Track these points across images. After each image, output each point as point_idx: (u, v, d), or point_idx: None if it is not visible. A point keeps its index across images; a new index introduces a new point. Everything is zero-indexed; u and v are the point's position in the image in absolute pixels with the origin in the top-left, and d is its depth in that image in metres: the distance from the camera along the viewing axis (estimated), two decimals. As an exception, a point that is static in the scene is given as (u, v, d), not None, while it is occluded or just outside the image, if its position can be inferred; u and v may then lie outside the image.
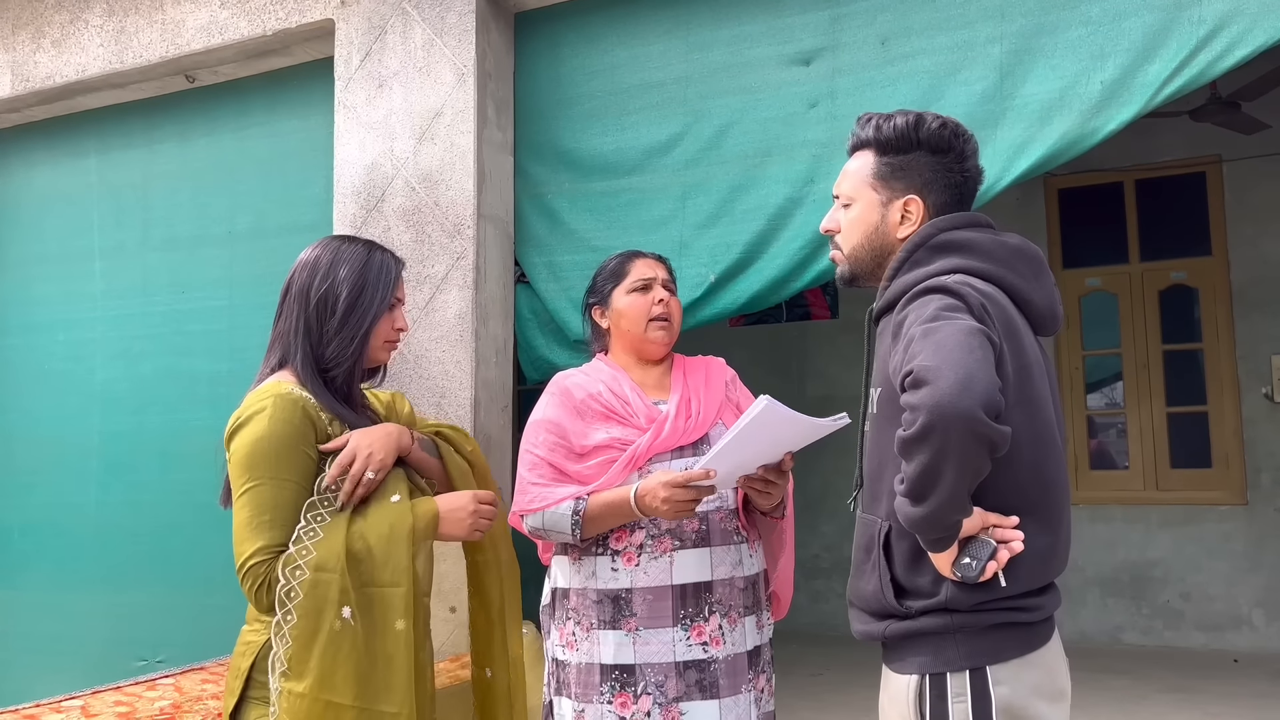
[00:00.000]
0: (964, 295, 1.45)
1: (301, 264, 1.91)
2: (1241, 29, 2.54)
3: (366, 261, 1.90)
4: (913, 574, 1.52)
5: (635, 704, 2.01)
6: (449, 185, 3.27)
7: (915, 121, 1.63)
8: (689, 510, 1.95)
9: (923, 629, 1.49)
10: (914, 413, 1.35)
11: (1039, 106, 2.75)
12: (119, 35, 3.93)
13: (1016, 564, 1.46)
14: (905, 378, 1.38)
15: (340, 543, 1.69)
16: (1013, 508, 1.48)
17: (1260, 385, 6.04)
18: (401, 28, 3.41)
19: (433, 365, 3.22)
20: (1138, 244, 6.48)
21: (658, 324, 2.21)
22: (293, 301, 1.89)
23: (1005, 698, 1.44)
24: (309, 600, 1.66)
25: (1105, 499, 6.18)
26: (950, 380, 1.32)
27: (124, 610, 3.90)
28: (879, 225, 1.65)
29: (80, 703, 2.52)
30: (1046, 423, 1.52)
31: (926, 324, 1.41)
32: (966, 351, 1.35)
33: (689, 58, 3.23)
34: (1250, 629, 5.91)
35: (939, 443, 1.34)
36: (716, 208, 3.15)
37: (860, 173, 1.68)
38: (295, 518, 1.72)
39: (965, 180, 1.66)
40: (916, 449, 1.36)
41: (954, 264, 1.54)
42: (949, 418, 1.31)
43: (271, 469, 1.73)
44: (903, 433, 1.38)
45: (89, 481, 4.06)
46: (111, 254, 4.13)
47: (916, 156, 1.63)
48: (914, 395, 1.35)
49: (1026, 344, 1.52)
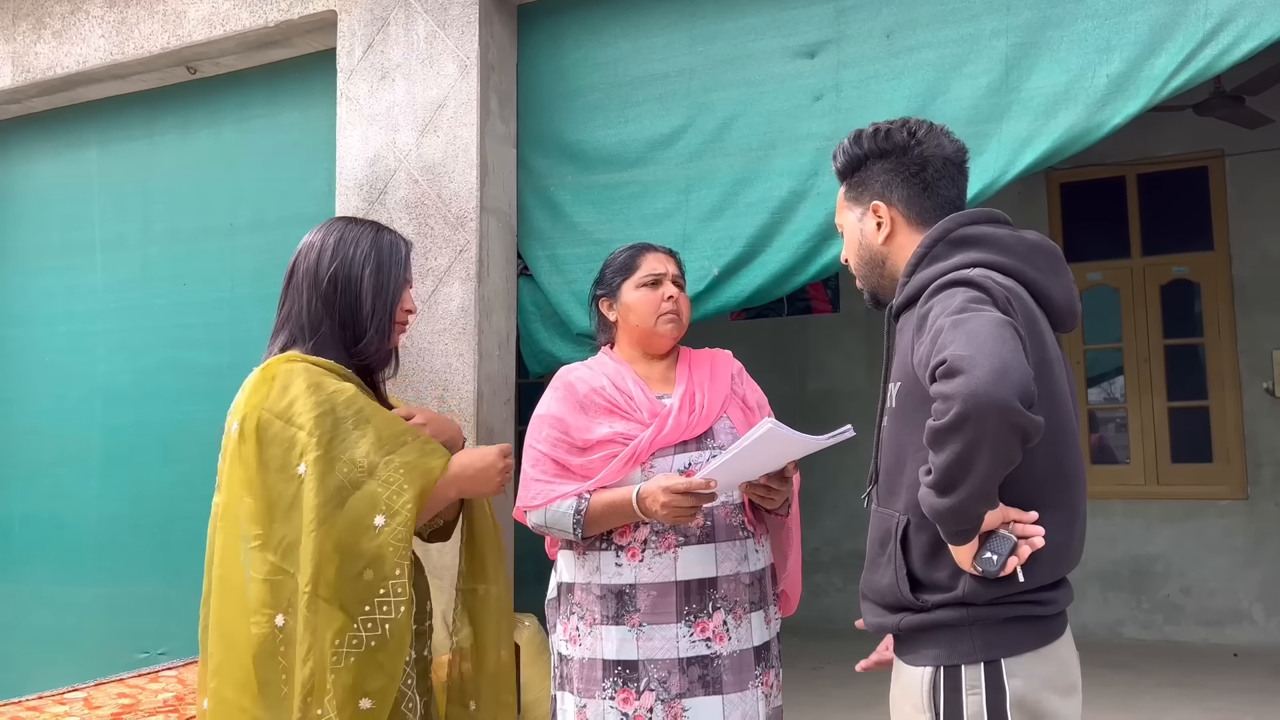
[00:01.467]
0: (989, 289, 1.46)
1: (307, 246, 1.88)
2: (1248, 23, 2.53)
3: (376, 240, 1.88)
4: (930, 568, 1.52)
5: (638, 700, 2.01)
6: (451, 178, 3.26)
7: (856, 138, 1.72)
8: (688, 517, 1.95)
9: (938, 621, 1.49)
10: (947, 402, 1.33)
11: (1044, 100, 2.74)
12: (120, 26, 3.92)
13: (1034, 558, 1.46)
14: (937, 368, 1.37)
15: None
16: (1032, 502, 1.48)
17: (1261, 380, 6.04)
18: (404, 19, 3.39)
19: (435, 358, 3.21)
20: (1139, 238, 6.47)
21: (667, 319, 2.19)
22: (300, 284, 1.85)
23: (1019, 690, 1.44)
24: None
25: (1106, 493, 6.18)
26: (986, 369, 1.31)
27: (125, 602, 3.90)
28: (861, 239, 1.72)
29: (83, 694, 2.52)
30: (1066, 417, 1.52)
31: (955, 315, 1.40)
32: (1000, 341, 1.34)
33: (693, 50, 3.22)
34: (1250, 623, 5.91)
35: (974, 432, 1.32)
36: (720, 201, 3.15)
37: (839, 203, 1.78)
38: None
39: (925, 165, 1.67)
40: (950, 438, 1.35)
41: (973, 258, 1.54)
42: (985, 406, 1.30)
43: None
44: (934, 422, 1.36)
45: (90, 474, 4.06)
46: (113, 246, 4.12)
47: (868, 168, 1.71)
48: (947, 385, 1.34)
49: (1047, 339, 1.53)
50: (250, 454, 1.70)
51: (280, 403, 1.72)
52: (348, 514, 1.67)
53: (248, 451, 1.71)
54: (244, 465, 1.71)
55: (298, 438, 1.69)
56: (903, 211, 1.67)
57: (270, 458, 1.70)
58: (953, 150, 1.69)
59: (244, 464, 1.71)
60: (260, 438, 1.71)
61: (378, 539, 1.67)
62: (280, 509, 1.68)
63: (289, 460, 1.69)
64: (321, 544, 1.64)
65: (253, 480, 1.69)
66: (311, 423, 1.69)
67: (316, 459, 1.67)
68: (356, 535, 1.67)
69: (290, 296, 1.87)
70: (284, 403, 1.72)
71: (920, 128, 1.69)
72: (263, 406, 1.72)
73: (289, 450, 1.69)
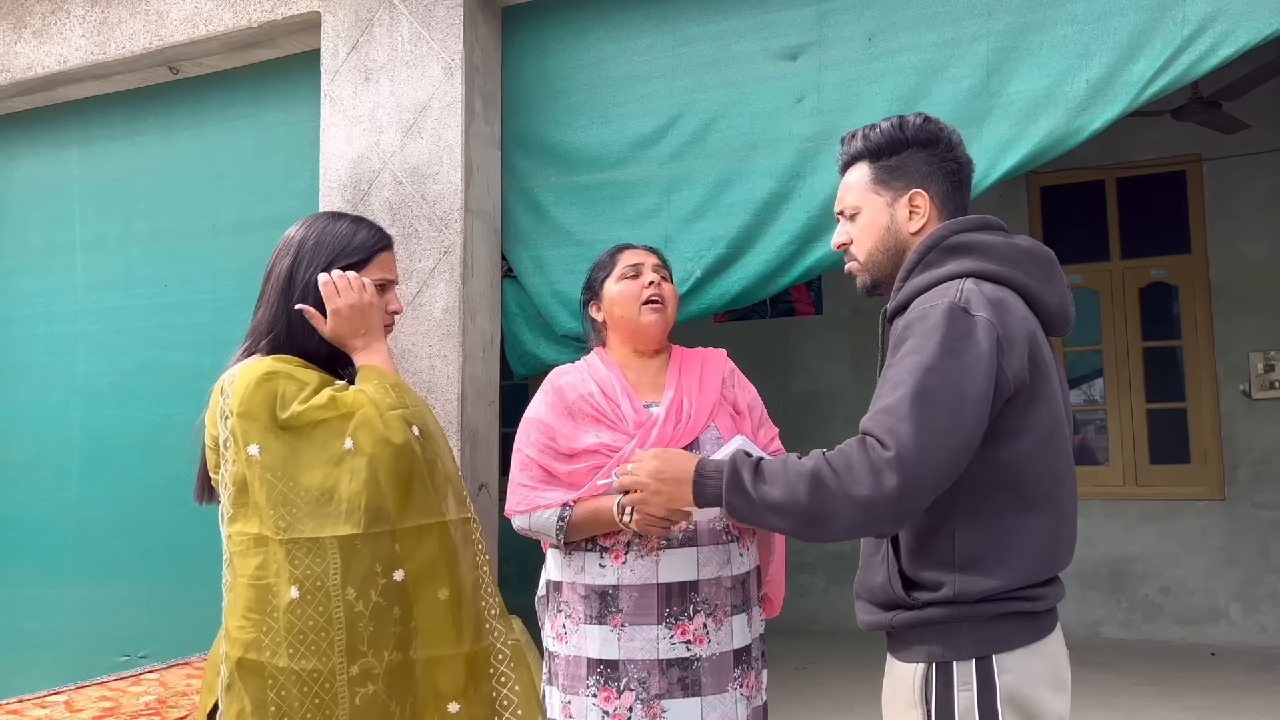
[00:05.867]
0: (969, 312, 1.47)
1: (285, 245, 1.82)
2: (1225, 29, 2.57)
3: (350, 239, 1.80)
4: (917, 566, 1.53)
5: (618, 699, 2.02)
6: (436, 179, 3.26)
7: (899, 123, 1.68)
8: (662, 528, 1.92)
9: (930, 619, 1.50)
10: (876, 475, 1.41)
11: (1025, 104, 2.77)
12: (101, 26, 3.90)
13: (1022, 555, 1.48)
14: (878, 423, 1.44)
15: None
16: (1025, 500, 1.50)
17: (1238, 382, 6.11)
18: (388, 21, 3.39)
19: (420, 360, 3.21)
20: (1119, 242, 6.53)
21: (651, 307, 2.17)
22: (271, 289, 1.79)
23: (1010, 686, 1.46)
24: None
25: (1086, 494, 6.19)
26: (911, 480, 1.40)
27: (106, 605, 3.88)
28: (889, 225, 1.67)
29: (64, 698, 2.51)
30: (1058, 420, 1.54)
31: (915, 354, 1.46)
32: (934, 420, 1.41)
33: (675, 52, 3.24)
34: (1227, 622, 5.98)
35: (864, 515, 1.43)
36: (702, 201, 3.16)
37: (860, 182, 1.71)
38: None
39: (960, 167, 1.69)
40: (853, 500, 1.42)
41: (966, 266, 1.55)
42: (888, 514, 1.42)
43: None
44: (862, 491, 1.42)
45: (70, 476, 4.03)
46: (93, 247, 4.10)
47: (909, 154, 1.67)
48: (883, 455, 1.41)
49: (1041, 342, 1.54)
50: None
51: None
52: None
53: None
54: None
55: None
56: (939, 205, 1.66)
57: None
58: (969, 161, 1.72)
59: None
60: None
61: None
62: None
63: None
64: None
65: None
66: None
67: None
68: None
69: (264, 301, 1.81)
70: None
71: (955, 132, 1.70)
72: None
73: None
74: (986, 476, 1.49)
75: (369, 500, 1.58)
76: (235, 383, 1.66)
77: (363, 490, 1.58)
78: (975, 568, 1.48)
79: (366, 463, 1.59)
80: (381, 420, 1.63)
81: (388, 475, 1.60)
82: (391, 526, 1.59)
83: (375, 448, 1.61)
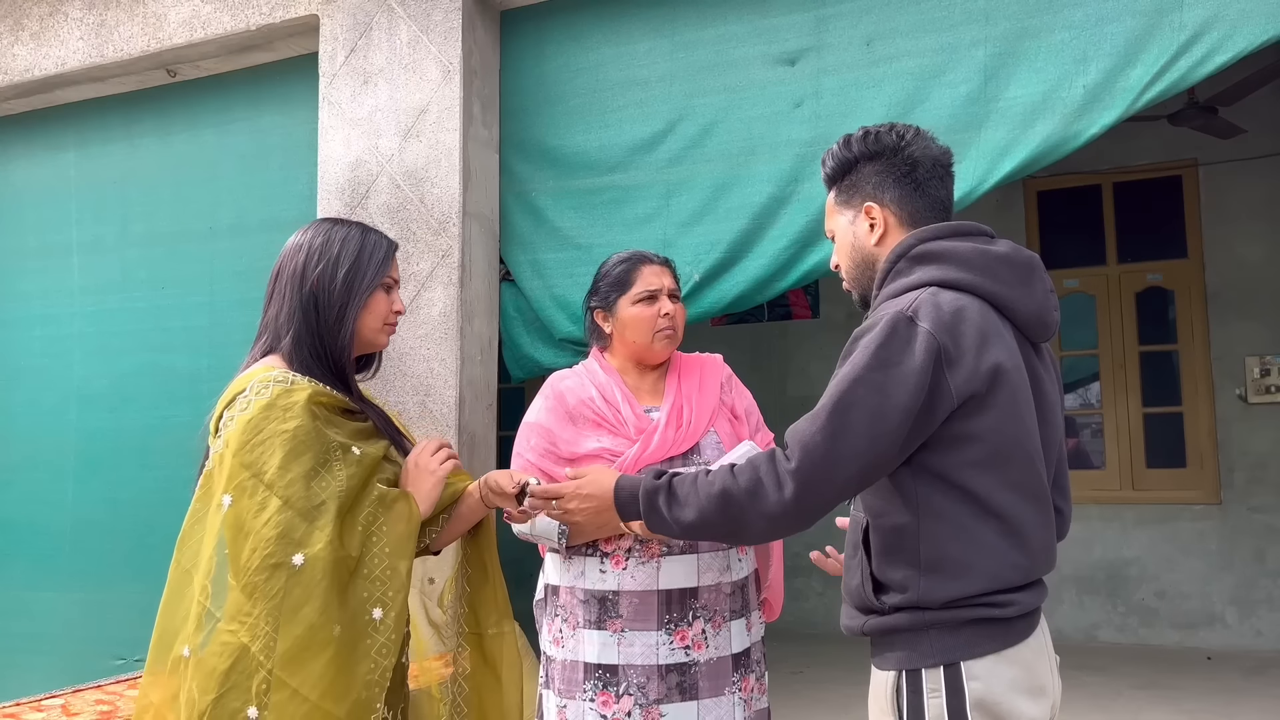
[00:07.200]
0: (915, 326, 1.49)
1: (294, 247, 1.86)
2: (1221, 35, 2.58)
3: (360, 240, 1.86)
4: (886, 568, 1.54)
5: (617, 704, 2.03)
6: (434, 183, 3.26)
7: (845, 142, 1.74)
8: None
9: (898, 625, 1.51)
10: (780, 489, 1.51)
11: (1022, 109, 2.78)
12: (99, 28, 3.90)
13: (984, 561, 1.47)
14: (794, 433, 1.55)
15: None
16: (982, 508, 1.49)
17: (1234, 386, 6.12)
18: (387, 24, 3.39)
19: (417, 363, 3.21)
20: (1115, 246, 6.55)
21: (664, 335, 2.19)
22: (285, 286, 1.83)
23: (979, 693, 1.45)
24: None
25: (1082, 498, 6.23)
26: (814, 488, 1.50)
27: (102, 609, 3.86)
28: (854, 243, 1.73)
29: (61, 701, 2.50)
30: (1017, 426, 1.51)
31: (847, 363, 1.55)
32: (848, 429, 1.48)
33: (674, 56, 3.24)
34: (1223, 626, 5.99)
35: (770, 525, 1.55)
36: (700, 206, 3.16)
37: (830, 206, 1.79)
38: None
39: (915, 165, 1.68)
40: (759, 508, 1.54)
41: (931, 274, 1.56)
42: (794, 518, 1.52)
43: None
44: (773, 498, 1.53)
45: (66, 479, 4.02)
46: (90, 249, 4.09)
47: (859, 170, 1.72)
48: (786, 466, 1.52)
49: (1009, 350, 1.52)
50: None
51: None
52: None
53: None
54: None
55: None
56: (895, 212, 1.67)
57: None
58: (939, 152, 1.71)
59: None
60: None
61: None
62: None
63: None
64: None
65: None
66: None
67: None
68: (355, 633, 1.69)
69: (274, 298, 1.85)
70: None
71: (908, 131, 1.71)
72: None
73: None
74: (939, 484, 1.50)
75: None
76: (242, 417, 1.71)
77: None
78: (939, 571, 1.48)
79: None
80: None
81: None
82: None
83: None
